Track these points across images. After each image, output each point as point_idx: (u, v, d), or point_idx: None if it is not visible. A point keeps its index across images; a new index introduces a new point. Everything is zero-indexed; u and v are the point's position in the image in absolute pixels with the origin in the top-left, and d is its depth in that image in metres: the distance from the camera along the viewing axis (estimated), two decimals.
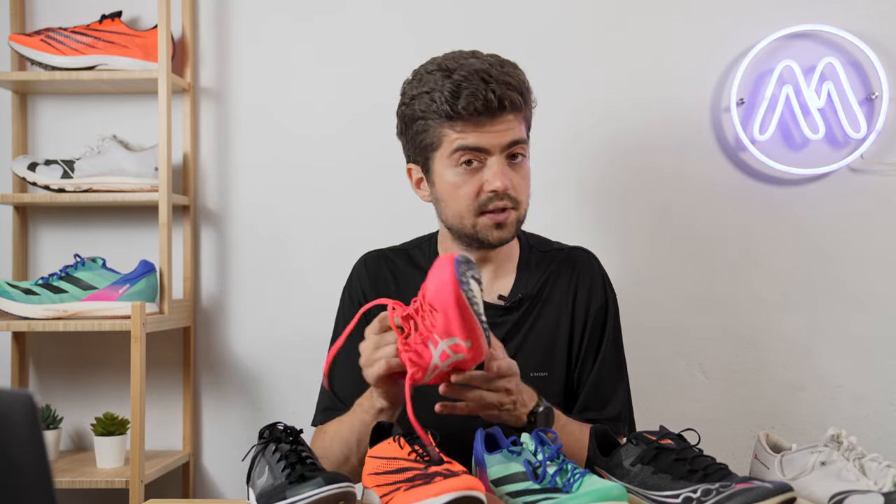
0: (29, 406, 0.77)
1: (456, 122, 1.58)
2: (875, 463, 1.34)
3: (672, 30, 2.41)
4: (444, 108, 1.57)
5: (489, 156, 1.60)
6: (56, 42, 2.31)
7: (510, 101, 1.57)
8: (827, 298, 2.40)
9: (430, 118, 1.61)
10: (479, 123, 1.58)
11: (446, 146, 1.61)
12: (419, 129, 1.64)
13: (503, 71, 1.59)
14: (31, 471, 0.77)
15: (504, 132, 1.59)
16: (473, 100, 1.55)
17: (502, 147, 1.59)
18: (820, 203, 2.39)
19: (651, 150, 2.41)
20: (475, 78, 1.56)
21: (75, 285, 2.21)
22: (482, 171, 1.60)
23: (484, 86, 1.55)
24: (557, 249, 1.82)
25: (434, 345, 1.29)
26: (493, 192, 1.60)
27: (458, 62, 1.60)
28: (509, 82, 1.58)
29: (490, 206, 1.61)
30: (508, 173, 1.60)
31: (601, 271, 1.81)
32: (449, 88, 1.56)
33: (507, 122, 1.59)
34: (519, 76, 1.61)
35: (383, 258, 1.81)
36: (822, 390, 2.40)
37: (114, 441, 2.24)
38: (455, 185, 1.62)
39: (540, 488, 1.23)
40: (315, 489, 1.21)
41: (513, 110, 1.59)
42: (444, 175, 1.63)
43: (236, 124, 2.46)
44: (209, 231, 2.47)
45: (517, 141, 1.61)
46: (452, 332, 1.28)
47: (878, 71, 2.33)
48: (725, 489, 1.14)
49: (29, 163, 2.30)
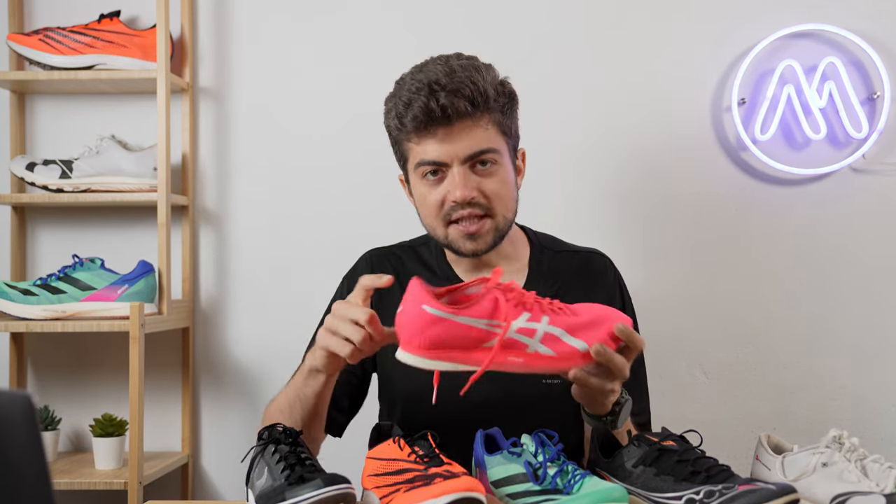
0: (27, 407, 0.77)
1: (412, 136, 1.58)
2: (877, 464, 1.34)
3: (673, 29, 2.41)
4: (396, 124, 1.59)
5: (449, 167, 1.58)
6: (54, 42, 2.30)
7: (456, 109, 1.53)
8: (829, 299, 2.39)
9: (394, 133, 1.63)
10: (433, 134, 1.56)
11: (412, 160, 1.62)
12: (393, 141, 1.66)
13: (456, 78, 1.54)
14: (29, 472, 0.76)
15: (462, 141, 1.56)
16: (419, 112, 1.54)
17: (461, 158, 1.57)
18: (821, 203, 2.38)
19: (652, 149, 2.40)
20: (424, 90, 1.54)
21: (74, 286, 2.20)
22: (445, 180, 1.59)
23: (429, 97, 1.53)
24: (571, 251, 1.79)
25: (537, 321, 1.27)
26: (454, 203, 1.59)
27: (420, 72, 1.58)
28: (458, 90, 1.53)
29: (454, 216, 1.60)
30: (473, 181, 1.58)
31: (618, 277, 1.79)
32: (402, 103, 1.56)
33: (465, 129, 1.56)
34: (476, 81, 1.55)
35: (389, 256, 1.80)
36: (824, 391, 2.39)
37: (112, 442, 2.23)
38: (423, 195, 1.63)
39: (540, 490, 1.22)
40: (314, 491, 1.20)
41: (467, 117, 1.55)
42: (415, 187, 1.65)
43: (235, 124, 2.46)
44: (208, 231, 2.46)
45: (480, 151, 1.57)
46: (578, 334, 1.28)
47: (880, 70, 2.33)
48: (728, 491, 1.14)
49: (27, 163, 2.30)
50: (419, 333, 1.22)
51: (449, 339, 1.22)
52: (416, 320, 1.23)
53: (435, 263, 1.75)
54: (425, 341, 1.22)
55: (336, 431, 1.74)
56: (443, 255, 1.75)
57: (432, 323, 1.22)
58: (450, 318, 1.22)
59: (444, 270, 1.74)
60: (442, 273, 1.73)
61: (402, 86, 1.60)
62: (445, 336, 1.22)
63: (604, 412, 1.45)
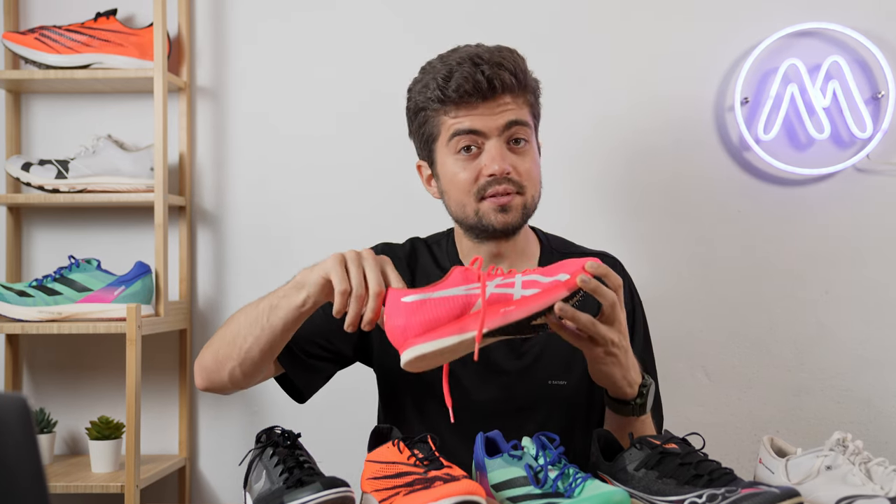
0: (23, 409, 0.76)
1: (450, 108, 1.58)
2: (881, 467, 1.34)
3: (675, 28, 2.40)
4: (437, 94, 1.58)
5: (486, 139, 1.58)
6: (50, 40, 2.29)
7: (500, 80, 1.55)
8: (833, 300, 2.38)
9: (427, 108, 1.61)
10: (473, 105, 1.57)
11: (444, 133, 1.60)
12: (421, 121, 1.64)
13: (496, 54, 1.58)
14: (24, 476, 0.76)
15: (500, 114, 1.57)
16: (463, 82, 1.55)
17: (499, 129, 1.57)
18: (825, 204, 2.37)
19: (653, 149, 2.39)
20: (466, 62, 1.56)
21: (70, 287, 2.19)
22: (480, 156, 1.59)
23: (474, 68, 1.55)
24: (581, 254, 1.78)
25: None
26: (491, 176, 1.57)
27: (456, 52, 1.61)
28: (501, 63, 1.56)
29: (489, 190, 1.58)
30: (508, 157, 1.58)
31: (628, 279, 1.78)
32: (442, 75, 1.57)
33: (503, 103, 1.57)
34: (515, 59, 1.59)
35: (403, 251, 1.77)
36: (828, 394, 2.38)
37: (109, 445, 2.22)
38: (455, 172, 1.61)
39: (541, 493, 1.21)
40: (313, 494, 1.20)
41: (507, 91, 1.57)
42: (445, 164, 1.62)
43: (233, 124, 2.45)
44: (205, 232, 2.45)
45: (515, 121, 1.58)
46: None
47: (885, 70, 2.31)
48: (731, 494, 1.13)
49: (23, 163, 2.29)
50: (408, 325, 1.25)
51: (436, 316, 1.25)
52: (401, 316, 1.26)
53: (447, 261, 1.74)
54: (416, 328, 1.25)
55: (287, 361, 1.65)
56: (455, 254, 1.74)
57: (415, 310, 1.25)
58: (428, 296, 1.26)
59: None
60: None
61: (433, 66, 1.61)
62: (431, 315, 1.25)
63: (628, 395, 1.44)
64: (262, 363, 1.52)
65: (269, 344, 1.47)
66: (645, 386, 1.46)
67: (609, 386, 1.45)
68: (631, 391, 1.44)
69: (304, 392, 1.68)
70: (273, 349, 1.49)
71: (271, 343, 1.47)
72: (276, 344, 1.48)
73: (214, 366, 1.55)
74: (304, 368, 1.66)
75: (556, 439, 1.30)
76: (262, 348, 1.48)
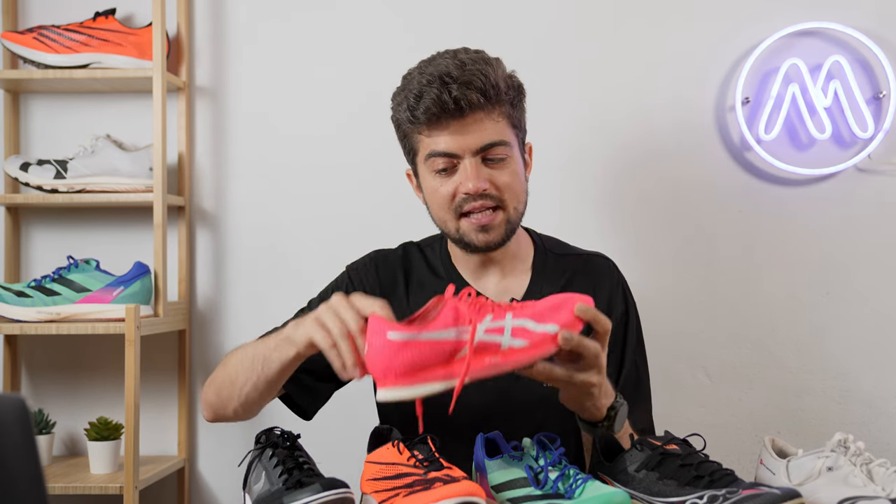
0: (21, 410, 0.77)
1: (422, 127, 1.58)
2: (882, 468, 1.34)
3: (676, 28, 2.39)
4: (408, 116, 1.57)
5: (461, 158, 1.57)
6: (49, 40, 2.29)
7: (468, 101, 1.53)
8: (834, 300, 2.37)
9: (404, 125, 1.61)
10: (445, 126, 1.55)
11: (422, 152, 1.61)
12: (401, 135, 1.65)
13: (467, 70, 1.54)
14: (23, 477, 0.76)
15: (473, 132, 1.55)
16: (431, 105, 1.53)
17: (472, 150, 1.56)
18: (826, 204, 2.36)
19: (654, 149, 2.39)
20: (436, 82, 1.53)
21: (68, 287, 2.19)
22: (456, 174, 1.58)
23: (441, 89, 1.53)
24: (575, 255, 1.78)
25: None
26: (466, 194, 1.57)
27: (429, 65, 1.57)
28: (471, 82, 1.53)
29: (466, 207, 1.58)
30: (485, 173, 1.57)
31: (621, 279, 1.78)
32: (413, 95, 1.56)
33: (476, 120, 1.55)
34: (487, 73, 1.55)
35: (396, 258, 1.78)
36: (829, 394, 2.37)
37: (107, 446, 2.22)
38: (434, 188, 1.61)
39: (541, 494, 1.21)
40: (312, 495, 1.20)
41: (478, 109, 1.55)
42: (426, 179, 1.63)
43: (232, 123, 2.44)
44: (205, 232, 2.44)
45: (491, 144, 1.57)
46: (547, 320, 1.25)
47: (886, 69, 2.31)
48: (732, 495, 1.12)
49: (21, 163, 2.28)
50: (390, 363, 1.18)
51: (421, 359, 1.18)
52: (384, 351, 1.19)
53: (440, 265, 1.74)
54: (399, 369, 1.18)
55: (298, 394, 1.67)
56: (448, 257, 1.74)
57: (400, 349, 1.18)
58: (416, 337, 1.19)
59: (448, 272, 1.73)
60: (446, 275, 1.72)
61: (410, 79, 1.59)
62: (417, 357, 1.18)
63: (596, 418, 1.43)
64: (263, 401, 1.54)
65: (267, 387, 1.48)
66: (613, 408, 1.44)
67: (577, 411, 1.44)
68: (599, 414, 1.43)
69: (308, 411, 1.70)
70: (271, 390, 1.50)
71: (269, 386, 1.48)
72: (274, 386, 1.49)
73: (218, 403, 1.57)
74: (307, 391, 1.67)
75: (557, 440, 1.30)
76: (261, 392, 1.49)
